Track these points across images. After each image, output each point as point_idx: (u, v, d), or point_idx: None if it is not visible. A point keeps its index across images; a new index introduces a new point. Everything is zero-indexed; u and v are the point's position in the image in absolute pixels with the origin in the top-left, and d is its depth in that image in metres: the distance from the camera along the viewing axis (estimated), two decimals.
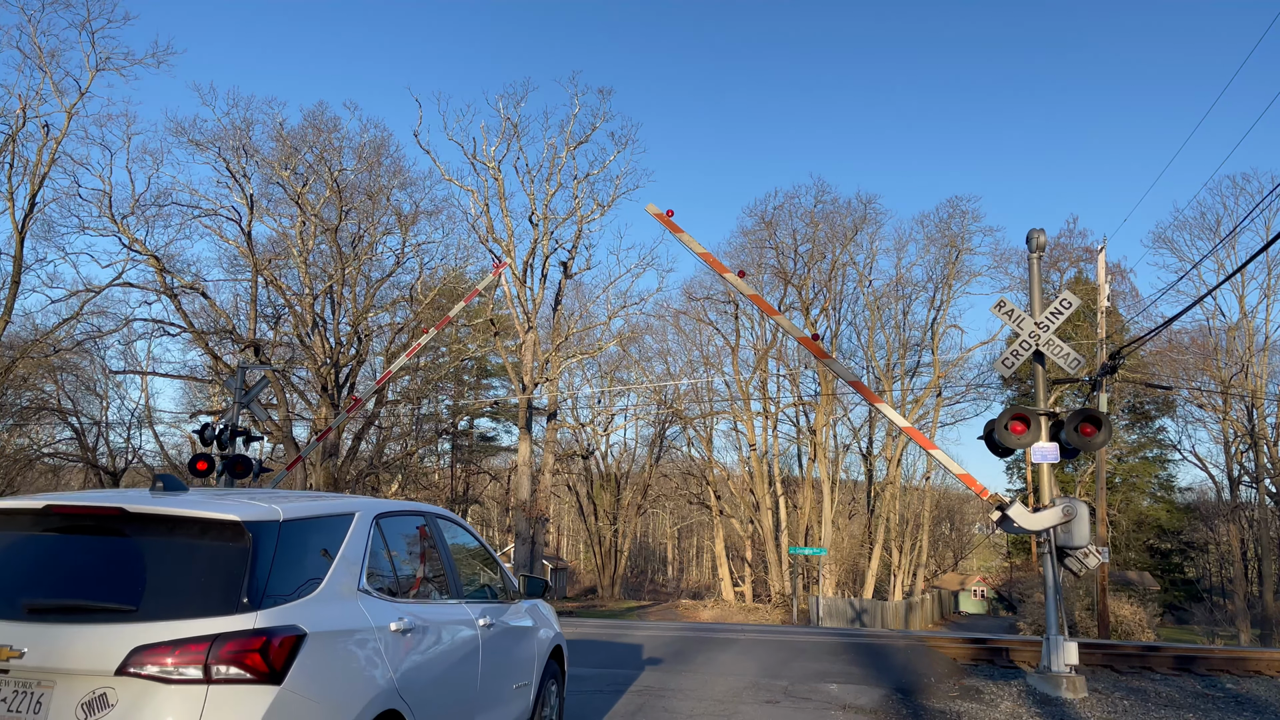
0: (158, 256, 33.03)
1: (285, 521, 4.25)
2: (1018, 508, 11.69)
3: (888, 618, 46.16)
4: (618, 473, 62.16)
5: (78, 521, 4.11)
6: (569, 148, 38.23)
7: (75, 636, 3.67)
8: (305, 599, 4.09)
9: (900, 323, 56.58)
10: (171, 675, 3.58)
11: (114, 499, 4.17)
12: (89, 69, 31.64)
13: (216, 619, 3.71)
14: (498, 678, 5.80)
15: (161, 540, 3.99)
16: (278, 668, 3.75)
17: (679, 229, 13.28)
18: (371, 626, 4.44)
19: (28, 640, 3.68)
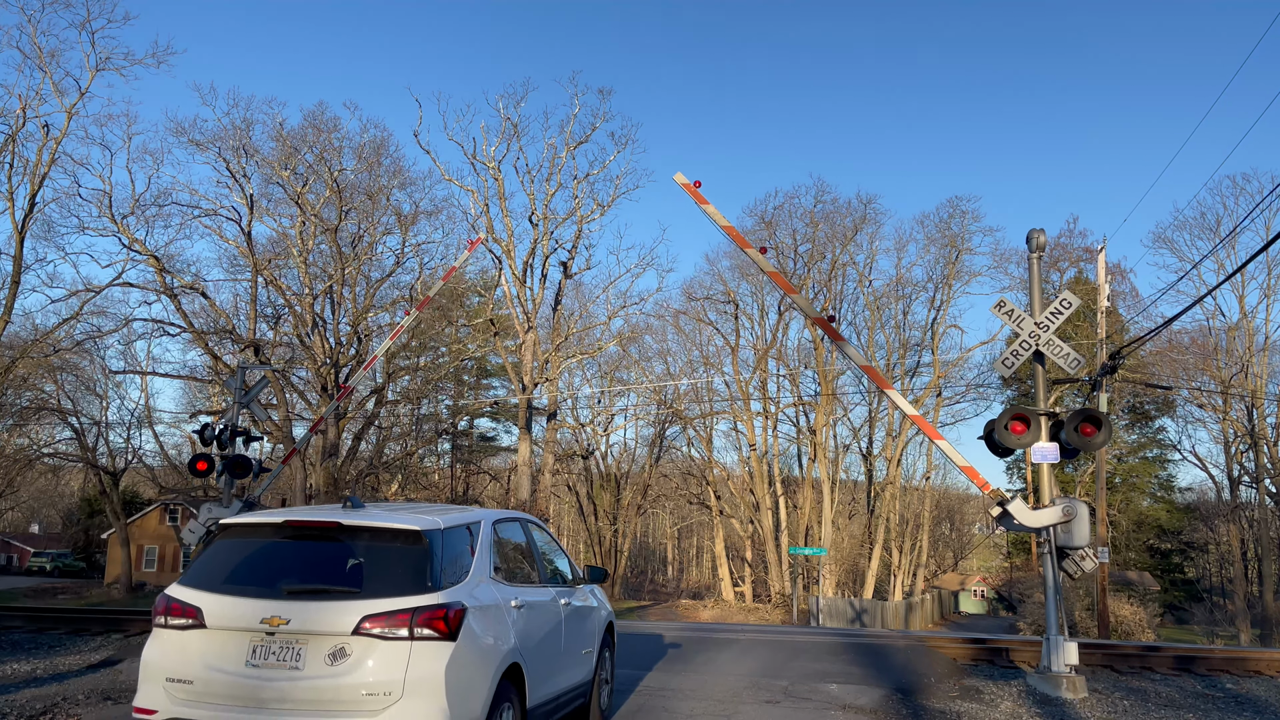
0: (158, 256, 33.04)
1: (444, 529, 5.97)
2: (1018, 504, 11.69)
3: (888, 618, 46.15)
4: (618, 473, 62.12)
5: (307, 531, 5.91)
6: (569, 148, 38.27)
7: (321, 609, 5.41)
8: (462, 583, 5.82)
9: (900, 323, 56.60)
10: (388, 635, 5.33)
11: (330, 515, 5.92)
12: (89, 69, 31.69)
13: (412, 597, 5.43)
14: (574, 644, 7.52)
15: (367, 543, 5.78)
16: (453, 630, 5.47)
17: (705, 201, 13.20)
18: (501, 603, 6.16)
19: (289, 613, 5.39)
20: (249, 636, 5.47)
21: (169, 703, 5.53)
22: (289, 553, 5.93)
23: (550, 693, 6.92)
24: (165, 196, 34.94)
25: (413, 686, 5.31)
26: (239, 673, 5.42)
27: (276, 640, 5.42)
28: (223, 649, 5.50)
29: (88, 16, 39.48)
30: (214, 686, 5.44)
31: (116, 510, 55.38)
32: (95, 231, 33.60)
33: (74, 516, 75.80)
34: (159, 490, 55.54)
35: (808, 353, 58.89)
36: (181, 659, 5.54)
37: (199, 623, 5.56)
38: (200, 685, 5.48)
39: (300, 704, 5.33)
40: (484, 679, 5.71)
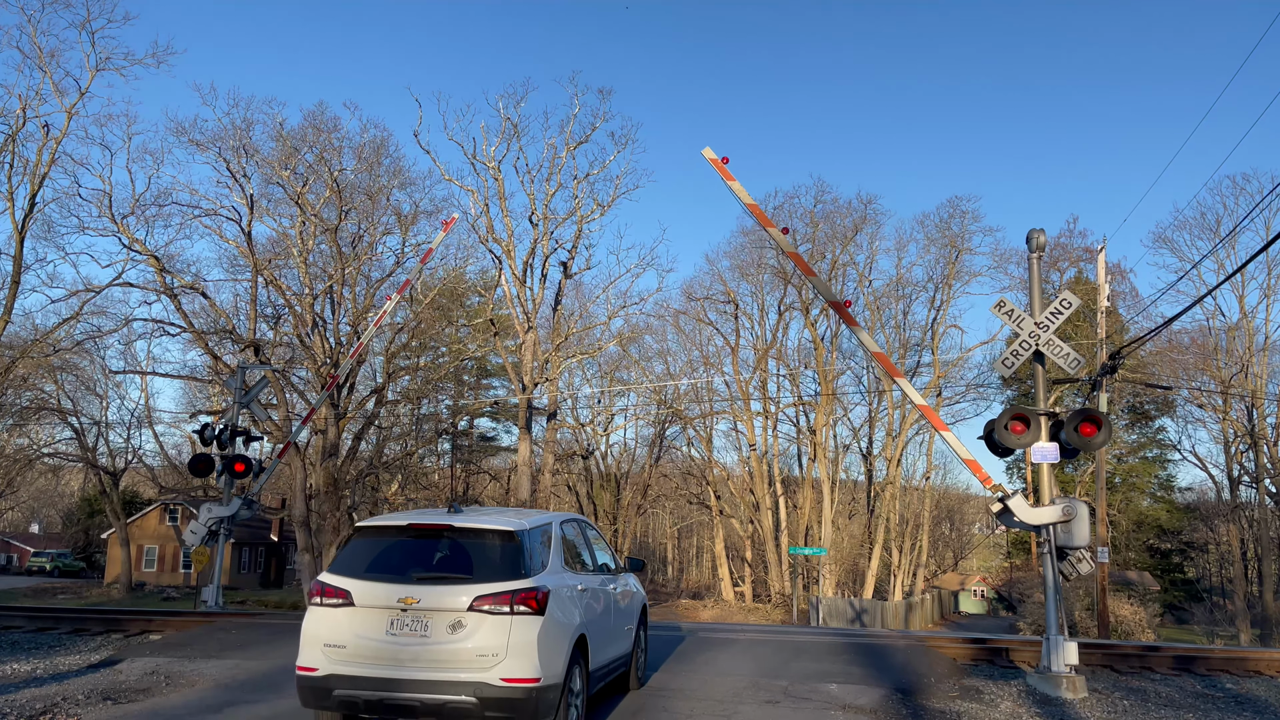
0: (158, 256, 33.00)
1: (529, 529, 7.73)
2: (1018, 500, 11.68)
3: (888, 618, 46.14)
4: (618, 473, 62.13)
5: (426, 531, 7.66)
6: (569, 148, 38.23)
7: (443, 591, 7.08)
8: (544, 572, 7.51)
9: (900, 323, 56.60)
10: (494, 611, 6.97)
11: (442, 519, 7.66)
12: (89, 69, 31.65)
13: (510, 582, 7.10)
14: (619, 622, 9.29)
15: (474, 541, 7.53)
16: (542, 607, 7.10)
17: (731, 177, 13.16)
18: (571, 587, 7.86)
19: (418, 594, 7.06)
20: (388, 612, 7.12)
21: (327, 662, 7.15)
22: (413, 548, 7.67)
23: (604, 660, 8.62)
24: (165, 196, 34.90)
25: (513, 650, 6.95)
26: (381, 639, 7.06)
27: (409, 615, 7.09)
28: (367, 621, 7.13)
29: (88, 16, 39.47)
30: (362, 650, 7.07)
31: (116, 510, 55.37)
32: (95, 231, 33.60)
33: (74, 516, 75.77)
34: (159, 490, 55.53)
35: (808, 353, 58.93)
36: (335, 629, 7.16)
37: (349, 601, 7.21)
38: (351, 649, 7.10)
39: (428, 664, 6.96)
40: (563, 646, 7.37)
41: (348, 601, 7.21)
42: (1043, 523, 11.58)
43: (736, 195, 13.25)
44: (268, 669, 11.28)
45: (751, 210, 13.40)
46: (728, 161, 13.13)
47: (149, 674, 11.06)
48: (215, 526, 18.38)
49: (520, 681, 6.92)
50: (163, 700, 9.64)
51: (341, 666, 7.07)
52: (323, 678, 7.13)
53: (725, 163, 13.13)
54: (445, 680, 6.93)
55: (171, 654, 12.35)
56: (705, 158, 13.31)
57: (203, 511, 18.52)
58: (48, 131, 31.92)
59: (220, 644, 13.14)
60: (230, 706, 9.27)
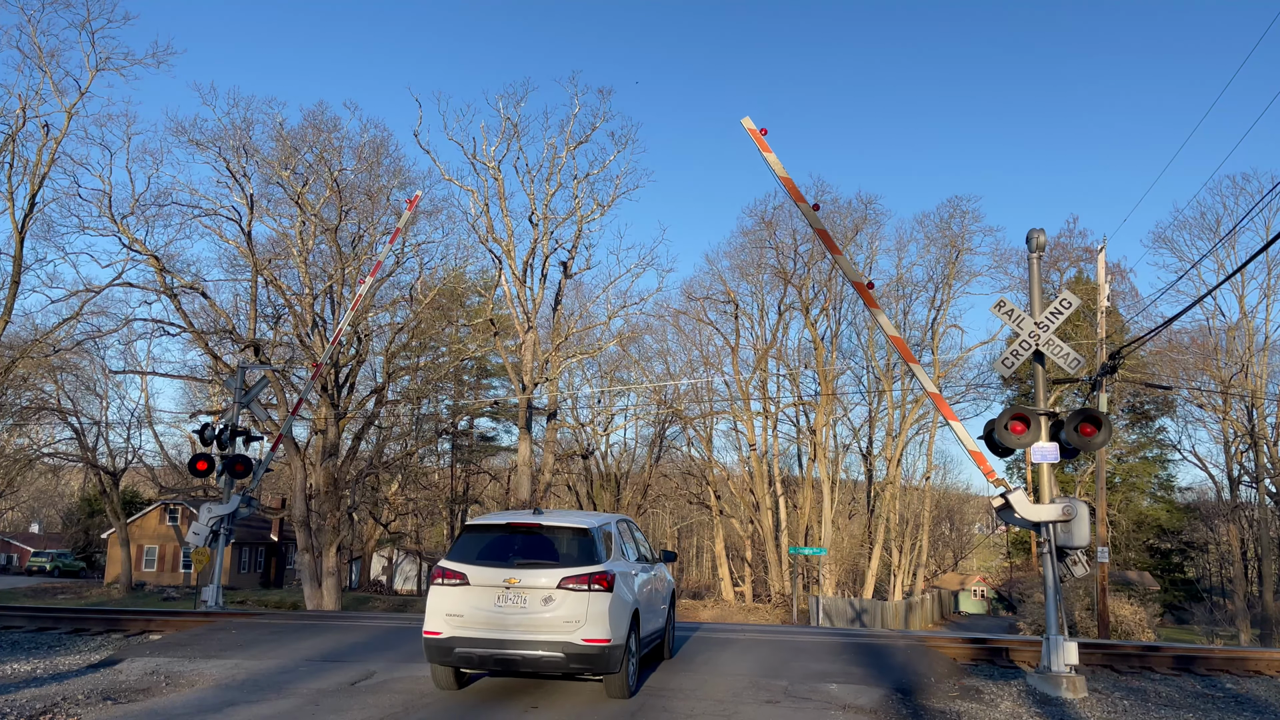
0: (158, 256, 32.98)
1: (598, 526, 9.87)
2: (1019, 495, 11.68)
3: (888, 618, 46.13)
4: (617, 473, 62.09)
5: (521, 529, 9.77)
6: (569, 148, 38.19)
7: (538, 574, 9.13)
8: (610, 560, 9.55)
9: (900, 323, 56.54)
10: (576, 588, 9.01)
11: (533, 519, 9.88)
12: (89, 69, 31.62)
13: (587, 567, 9.17)
14: (656, 602, 11.39)
15: (558, 535, 9.63)
16: (610, 586, 9.17)
17: (768, 148, 13.19)
18: (627, 572, 9.89)
19: (519, 576, 9.12)
20: (496, 590, 9.24)
21: (448, 627, 9.25)
22: (512, 541, 9.78)
23: (649, 630, 10.77)
24: (165, 196, 34.86)
25: (590, 618, 9.05)
26: (491, 610, 9.19)
27: (511, 592, 9.21)
28: (479, 597, 9.25)
29: (87, 16, 39.42)
30: (476, 618, 9.18)
31: (116, 510, 55.36)
32: (95, 231, 33.56)
33: (74, 516, 75.76)
34: (159, 490, 55.51)
35: (808, 353, 58.91)
36: (455, 603, 9.26)
37: (465, 581, 9.34)
38: (467, 617, 9.20)
39: (527, 629, 9.08)
40: (624, 617, 9.45)
41: (464, 581, 9.35)
42: (1042, 520, 11.58)
43: (771, 167, 13.27)
44: (268, 669, 11.28)
45: (785, 184, 13.38)
46: (766, 133, 13.26)
47: (149, 674, 11.06)
48: (216, 526, 18.38)
49: (597, 642, 9.03)
50: (163, 700, 9.64)
51: (460, 631, 9.18)
52: (446, 639, 9.23)
53: (764, 134, 13.24)
54: (541, 640, 9.04)
55: (171, 654, 12.35)
56: (744, 127, 13.38)
57: (203, 512, 18.51)
58: (48, 131, 31.92)
59: (220, 644, 13.13)
60: (230, 706, 9.27)
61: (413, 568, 73.72)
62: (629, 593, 9.71)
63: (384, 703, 9.44)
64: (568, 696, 9.78)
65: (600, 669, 9.16)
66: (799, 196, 13.59)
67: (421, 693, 9.94)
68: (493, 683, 10.51)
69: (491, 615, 9.12)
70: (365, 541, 61.43)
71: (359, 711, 9.03)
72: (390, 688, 10.19)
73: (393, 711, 9.03)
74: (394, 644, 13.35)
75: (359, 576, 66.72)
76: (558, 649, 8.99)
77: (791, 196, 13.64)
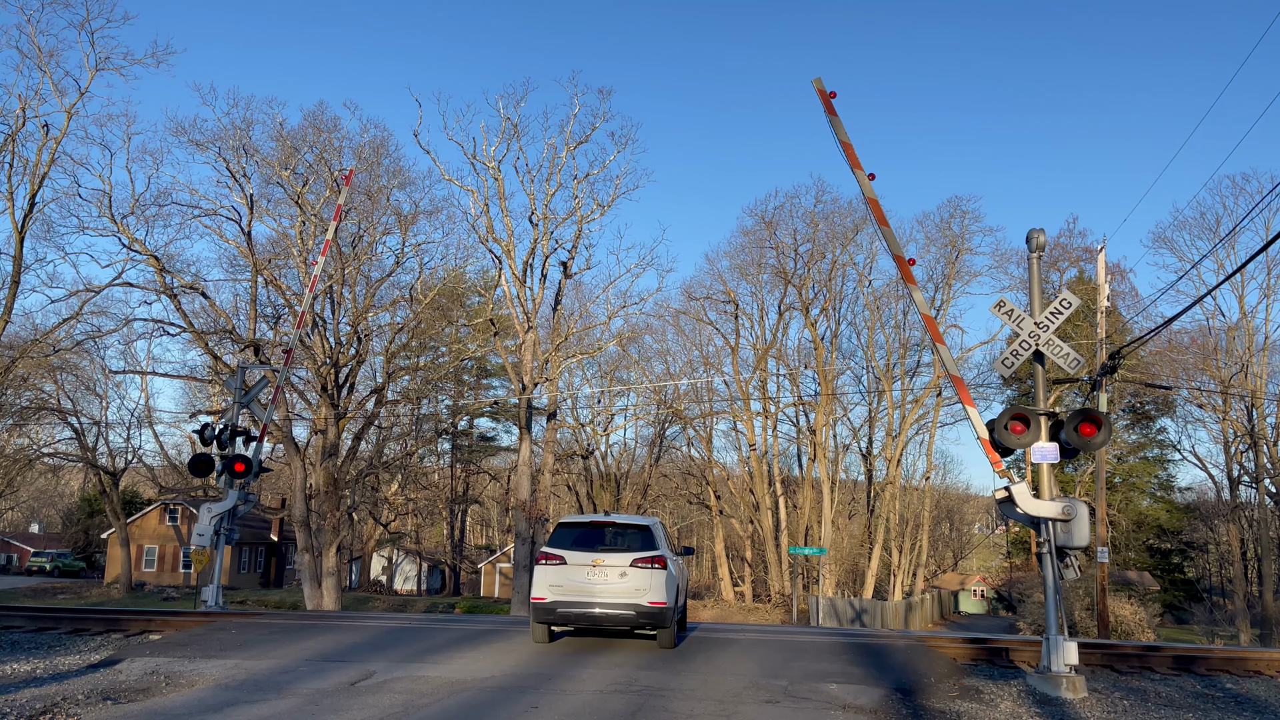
0: (158, 256, 32.98)
1: (650, 524, 13.54)
2: (1022, 488, 11.68)
3: (888, 618, 46.12)
4: (618, 473, 62.11)
5: (600, 524, 13.63)
6: (569, 148, 38.16)
7: (616, 556, 12.83)
8: (660, 549, 13.03)
9: (900, 323, 56.56)
10: (642, 566, 12.67)
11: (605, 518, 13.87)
12: (89, 69, 31.63)
13: (648, 552, 12.86)
14: (684, 584, 14.58)
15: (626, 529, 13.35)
16: (665, 566, 12.78)
17: (834, 112, 13.25)
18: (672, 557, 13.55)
19: (602, 558, 12.82)
20: (586, 568, 12.70)
21: (551, 594, 12.65)
22: (595, 533, 13.38)
23: (681, 605, 14.12)
24: (165, 196, 34.87)
25: (653, 588, 12.50)
26: (582, 582, 12.65)
27: (597, 569, 12.67)
28: (573, 572, 12.71)
29: (87, 16, 39.37)
30: (571, 587, 12.64)
31: (116, 510, 55.36)
32: (95, 231, 33.56)
33: (74, 516, 75.76)
34: (159, 490, 55.53)
35: (808, 353, 58.92)
36: (556, 577, 12.71)
37: (563, 562, 12.78)
38: (565, 588, 12.65)
39: (609, 595, 12.53)
40: (673, 588, 12.94)
41: (563, 562, 12.79)
42: (1042, 515, 11.59)
43: (834, 131, 13.32)
44: (268, 669, 11.28)
45: (845, 149, 13.36)
46: (835, 97, 13.35)
47: (149, 674, 11.06)
48: (218, 525, 18.37)
49: (657, 604, 12.51)
50: (163, 700, 9.64)
51: (560, 596, 12.64)
52: (550, 602, 12.67)
53: (833, 97, 13.33)
54: (618, 603, 12.52)
55: (171, 654, 12.35)
56: (815, 88, 13.46)
57: (203, 513, 18.51)
58: (47, 131, 31.92)
59: (220, 644, 13.14)
60: (230, 706, 9.27)
61: (412, 568, 73.73)
62: (675, 571, 13.30)
63: (384, 703, 9.43)
64: (568, 697, 9.77)
65: (658, 624, 12.68)
66: (856, 163, 13.48)
67: (421, 692, 9.94)
68: (493, 683, 10.51)
69: (583, 586, 12.61)
70: (365, 541, 61.47)
71: (359, 711, 9.02)
72: (390, 688, 10.19)
73: (393, 711, 9.03)
74: (394, 644, 13.36)
75: (359, 576, 66.74)
76: (630, 609, 12.51)
77: (850, 163, 13.53)
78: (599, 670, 11.30)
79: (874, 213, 13.61)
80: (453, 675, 10.95)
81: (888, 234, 13.59)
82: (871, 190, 13.34)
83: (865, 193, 13.42)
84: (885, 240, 13.57)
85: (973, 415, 12.46)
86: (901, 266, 13.16)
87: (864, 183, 13.37)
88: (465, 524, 78.18)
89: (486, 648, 13.17)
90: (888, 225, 13.58)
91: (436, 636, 14.30)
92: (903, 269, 13.15)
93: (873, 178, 13.43)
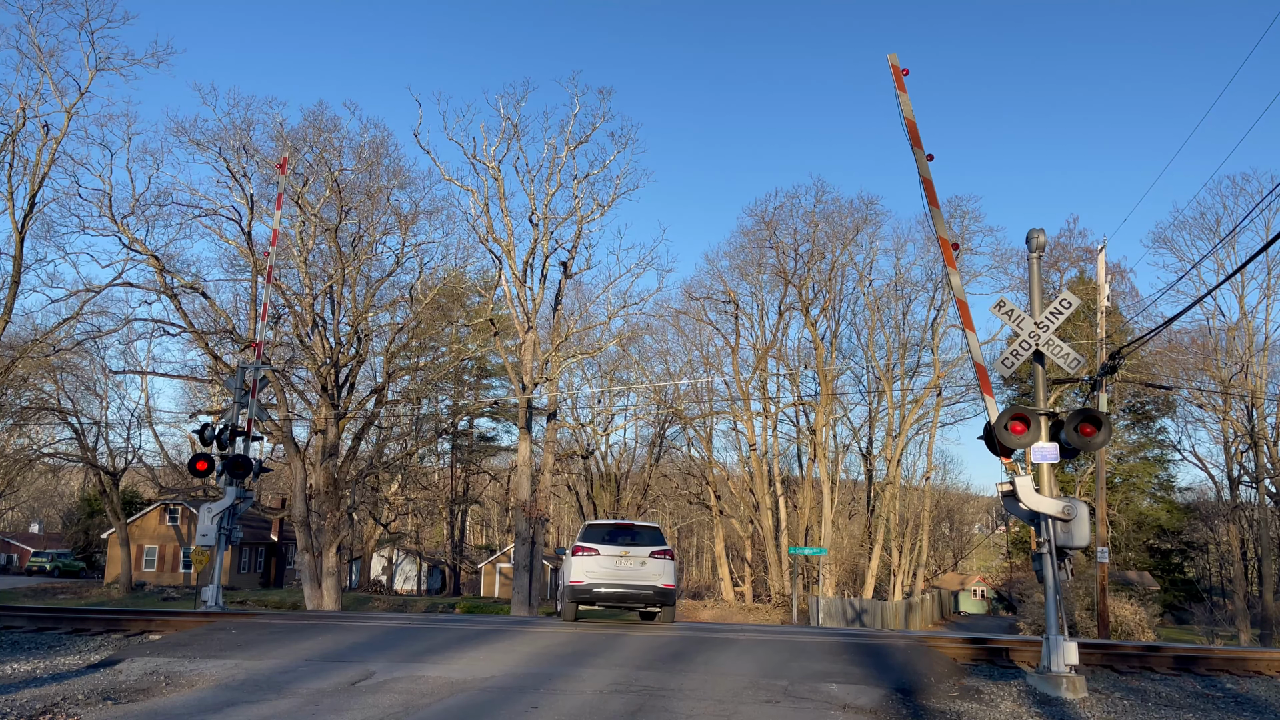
0: (158, 256, 32.99)
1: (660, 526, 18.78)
2: (1026, 482, 11.67)
3: (888, 618, 46.12)
4: (618, 473, 62.13)
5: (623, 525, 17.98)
6: (569, 148, 38.14)
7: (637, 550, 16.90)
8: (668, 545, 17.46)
9: (900, 323, 56.58)
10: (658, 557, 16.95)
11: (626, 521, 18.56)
12: (89, 69, 31.63)
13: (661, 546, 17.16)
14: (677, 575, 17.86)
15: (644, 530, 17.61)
16: (673, 557, 17.39)
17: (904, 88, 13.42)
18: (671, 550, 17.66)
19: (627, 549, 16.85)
20: (615, 559, 16.50)
21: (586, 579, 16.38)
22: (619, 531, 17.25)
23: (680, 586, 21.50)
24: (165, 196, 34.85)
25: (665, 574, 16.67)
26: (611, 569, 16.47)
27: (624, 559, 16.54)
28: (604, 561, 16.49)
29: (87, 16, 39.36)
30: (603, 573, 16.43)
31: (116, 510, 55.36)
32: (95, 231, 33.72)
33: (74, 516, 75.77)
34: (159, 490, 55.55)
35: (808, 353, 58.93)
36: (589, 565, 16.46)
37: (596, 553, 16.54)
38: (598, 573, 16.43)
39: (634, 579, 16.48)
40: (677, 573, 17.19)
41: (596, 553, 16.50)
42: (1044, 511, 11.59)
43: (901, 107, 13.44)
44: (268, 669, 11.27)
45: (909, 125, 13.47)
46: (907, 74, 13.51)
47: (149, 674, 11.06)
48: (220, 523, 18.37)
49: (669, 586, 16.59)
50: (163, 700, 9.64)
51: (595, 580, 16.36)
52: (587, 584, 16.32)
53: (905, 74, 13.49)
54: (641, 584, 16.41)
55: (171, 654, 12.34)
56: (889, 63, 13.59)
57: (203, 513, 18.50)
58: (47, 131, 31.92)
59: (220, 644, 13.13)
60: (230, 706, 9.27)
61: (413, 568, 73.71)
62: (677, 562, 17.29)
63: (384, 703, 9.43)
64: (568, 697, 9.77)
65: (667, 601, 16.69)
66: (917, 141, 13.58)
67: (421, 692, 9.94)
68: (493, 683, 10.51)
69: (613, 571, 16.41)
70: (365, 541, 61.49)
71: (359, 711, 9.02)
72: (390, 688, 10.19)
73: (393, 711, 9.03)
74: (394, 644, 13.36)
75: (359, 576, 66.75)
76: (649, 590, 16.45)
77: (911, 140, 13.63)
78: (599, 670, 11.30)
79: (926, 193, 13.74)
80: (453, 675, 10.94)
81: (936, 214, 13.64)
82: (928, 170, 13.46)
83: (921, 172, 13.54)
84: (933, 221, 13.72)
85: (990, 405, 12.45)
86: (945, 249, 13.21)
87: (921, 161, 13.50)
88: (465, 524, 78.22)
89: (487, 648, 13.15)
90: (938, 206, 13.62)
91: (436, 636, 14.30)
92: (946, 252, 13.20)
93: (931, 159, 13.58)
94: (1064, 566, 11.67)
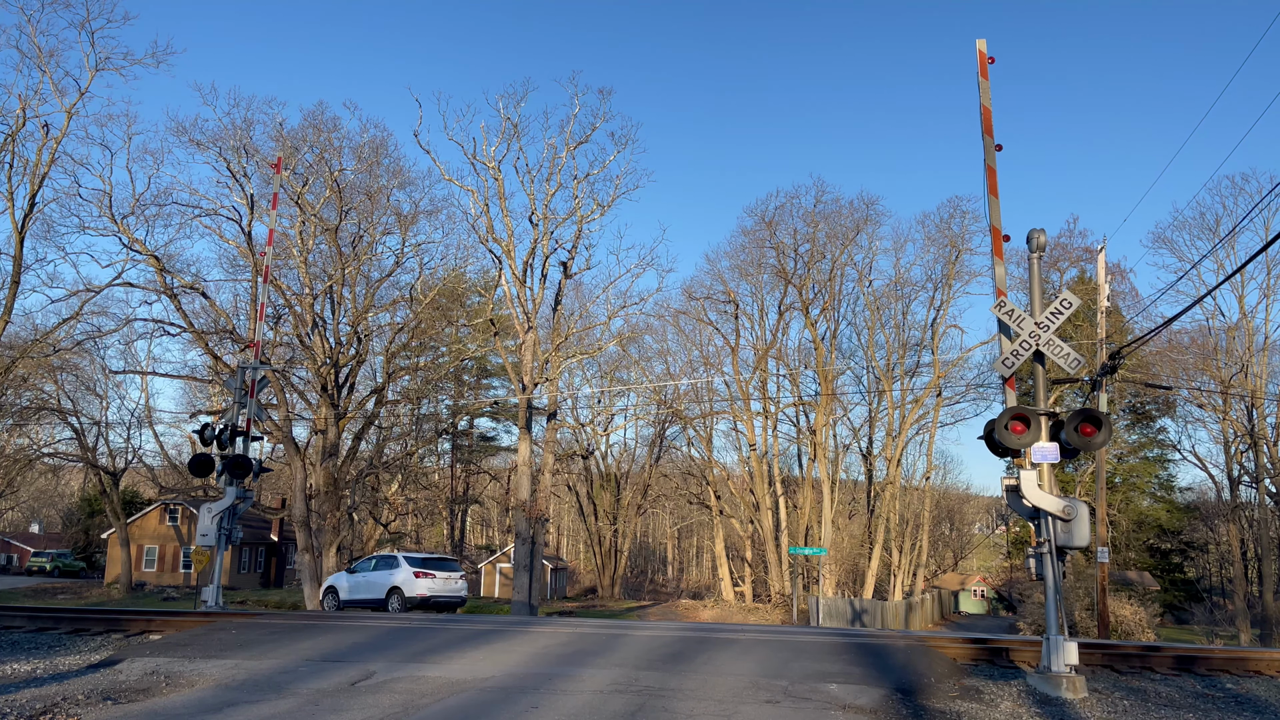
0: (158, 256, 32.98)
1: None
2: (1030, 477, 11.68)
3: (888, 618, 46.12)
4: (618, 473, 62.14)
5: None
6: (569, 148, 38.10)
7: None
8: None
9: (900, 323, 56.57)
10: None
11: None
12: (89, 69, 31.62)
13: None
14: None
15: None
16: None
17: (986, 75, 13.77)
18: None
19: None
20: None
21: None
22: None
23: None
24: (165, 196, 34.89)
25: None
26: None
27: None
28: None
29: (87, 16, 39.40)
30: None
31: (116, 510, 55.36)
32: (95, 231, 33.66)
33: (74, 516, 75.76)
34: (159, 490, 55.54)
35: (808, 353, 58.93)
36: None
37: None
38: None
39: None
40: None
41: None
42: (1046, 508, 11.60)
43: (980, 93, 13.74)
44: (268, 669, 11.27)
45: (983, 112, 13.83)
46: (993, 62, 13.85)
47: (149, 674, 11.06)
48: (220, 522, 18.38)
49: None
50: (163, 700, 9.64)
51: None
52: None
53: (991, 62, 13.80)
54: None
55: (171, 654, 12.34)
56: (978, 49, 13.88)
57: (203, 513, 18.51)
58: (47, 131, 31.92)
59: (220, 644, 13.13)
60: (230, 706, 9.27)
61: None
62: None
63: (384, 703, 9.43)
64: (568, 697, 9.77)
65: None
66: (989, 129, 13.88)
67: (422, 692, 9.94)
68: (493, 683, 10.51)
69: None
70: (365, 541, 61.43)
71: (359, 711, 9.02)
72: (390, 688, 10.19)
73: (393, 711, 9.03)
74: (394, 644, 13.36)
75: None
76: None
77: (984, 127, 13.93)
78: (599, 670, 11.29)
79: (989, 181, 14.00)
80: (453, 675, 10.94)
81: (994, 204, 13.80)
82: (994, 159, 13.71)
83: (987, 160, 13.76)
84: (989, 211, 14.00)
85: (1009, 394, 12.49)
86: (995, 239, 13.42)
87: (989, 149, 13.72)
88: (465, 524, 78.22)
89: (487, 648, 13.15)
90: (996, 196, 13.82)
91: (437, 636, 14.30)
92: (995, 242, 13.43)
93: (1000, 149, 13.81)
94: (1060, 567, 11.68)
